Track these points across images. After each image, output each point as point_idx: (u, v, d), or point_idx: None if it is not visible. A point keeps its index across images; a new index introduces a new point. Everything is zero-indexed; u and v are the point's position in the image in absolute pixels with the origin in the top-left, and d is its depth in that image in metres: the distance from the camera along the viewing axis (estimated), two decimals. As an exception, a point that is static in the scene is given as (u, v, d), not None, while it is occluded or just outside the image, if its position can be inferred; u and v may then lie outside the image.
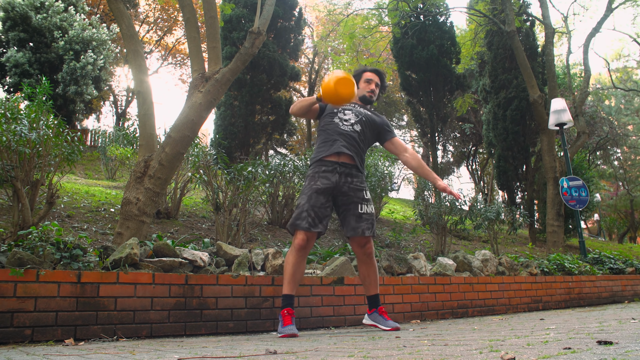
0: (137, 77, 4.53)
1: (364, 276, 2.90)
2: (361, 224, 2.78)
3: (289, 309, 2.66)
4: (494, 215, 6.73)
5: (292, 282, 2.70)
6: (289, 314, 2.64)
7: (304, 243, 2.69)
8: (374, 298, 2.91)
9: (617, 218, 24.40)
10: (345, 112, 2.98)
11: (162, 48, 21.92)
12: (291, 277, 2.70)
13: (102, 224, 4.87)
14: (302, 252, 2.70)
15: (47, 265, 2.52)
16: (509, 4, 9.40)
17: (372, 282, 2.90)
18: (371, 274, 2.89)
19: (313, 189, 2.78)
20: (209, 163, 5.17)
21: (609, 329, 2.10)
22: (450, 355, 1.47)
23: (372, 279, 2.90)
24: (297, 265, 2.70)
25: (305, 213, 2.70)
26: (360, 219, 2.80)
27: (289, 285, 2.70)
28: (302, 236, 2.69)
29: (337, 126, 2.92)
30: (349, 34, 11.07)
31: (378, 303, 2.91)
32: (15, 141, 3.39)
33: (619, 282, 5.82)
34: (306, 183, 2.86)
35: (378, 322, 2.85)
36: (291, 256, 2.72)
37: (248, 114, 12.15)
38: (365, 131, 2.98)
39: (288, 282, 2.70)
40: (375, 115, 3.10)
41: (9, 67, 12.08)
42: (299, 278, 2.75)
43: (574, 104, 10.99)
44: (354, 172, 2.87)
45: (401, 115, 25.31)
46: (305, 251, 2.72)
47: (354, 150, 2.89)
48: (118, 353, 1.83)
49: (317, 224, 2.71)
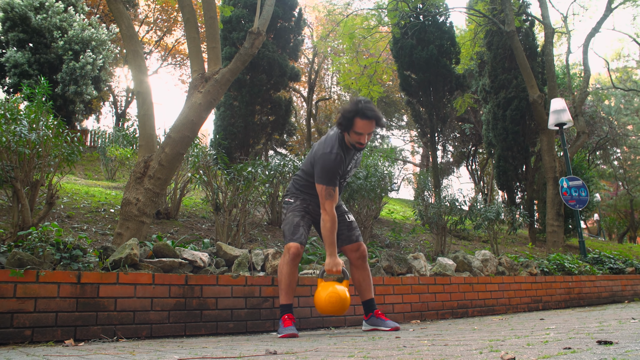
0: (136, 78, 4.53)
1: (359, 282, 2.95)
2: (353, 232, 2.96)
3: (289, 314, 2.72)
4: (493, 215, 6.73)
5: (290, 292, 2.76)
6: (289, 319, 2.70)
7: (297, 253, 2.76)
8: (370, 302, 2.95)
9: (616, 218, 24.39)
10: (349, 174, 2.98)
11: (161, 48, 21.90)
12: (288, 287, 2.75)
13: (102, 225, 4.87)
14: (295, 261, 2.77)
15: (47, 266, 2.51)
16: (509, 4, 9.40)
17: (367, 287, 2.95)
18: (366, 278, 2.95)
19: (306, 210, 2.92)
20: (208, 163, 5.17)
21: (609, 328, 2.10)
22: (450, 355, 1.47)
23: (367, 283, 2.95)
24: (292, 276, 2.76)
25: (301, 229, 2.82)
26: (351, 227, 2.97)
27: (287, 296, 2.75)
28: (296, 248, 2.76)
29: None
30: (349, 34, 11.06)
31: (374, 306, 2.94)
32: (15, 142, 3.38)
33: (618, 282, 5.82)
34: (297, 203, 2.94)
35: (377, 325, 2.87)
36: (286, 267, 2.75)
37: (248, 114, 12.14)
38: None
39: (286, 293, 2.75)
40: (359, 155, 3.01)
41: (9, 68, 12.08)
42: (295, 286, 2.82)
43: (573, 104, 10.99)
44: None
45: (401, 115, 25.31)
46: (297, 260, 2.80)
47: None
48: (118, 354, 1.83)
49: (306, 239, 2.87)
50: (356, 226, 3.00)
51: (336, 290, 2.67)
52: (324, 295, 2.68)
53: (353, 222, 3.00)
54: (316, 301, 2.74)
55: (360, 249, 2.94)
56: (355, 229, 2.98)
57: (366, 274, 2.95)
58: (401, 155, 26.09)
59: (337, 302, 2.66)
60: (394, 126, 26.89)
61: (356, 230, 2.98)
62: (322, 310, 2.72)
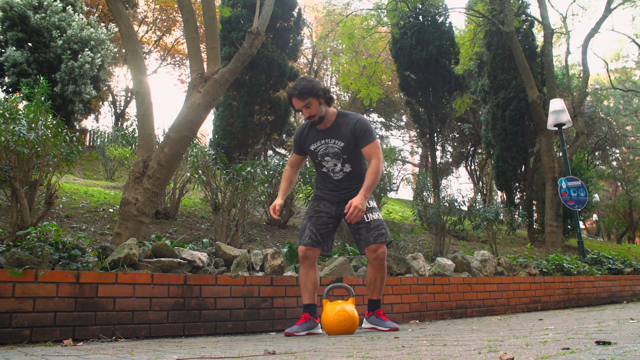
0: (136, 78, 4.53)
1: (371, 280, 2.91)
2: (372, 232, 2.80)
3: (305, 314, 2.77)
4: (492, 216, 6.74)
5: (305, 293, 2.82)
6: (303, 317, 2.77)
7: (303, 255, 2.81)
8: (375, 302, 2.92)
9: (615, 218, 24.42)
10: (325, 159, 2.89)
11: (161, 48, 21.89)
12: (303, 288, 2.84)
13: (101, 224, 4.87)
14: (304, 263, 2.82)
15: (45, 266, 2.51)
16: (508, 4, 9.41)
17: (377, 288, 2.90)
18: (378, 280, 2.88)
19: (315, 210, 2.93)
20: (207, 163, 5.16)
21: (607, 329, 2.10)
22: (449, 355, 1.47)
23: (378, 285, 2.90)
24: (304, 277, 2.83)
25: (307, 231, 2.85)
26: (370, 228, 2.81)
27: (304, 295, 2.83)
28: (302, 250, 2.83)
29: (329, 177, 2.95)
30: (348, 34, 11.06)
31: (378, 306, 2.92)
32: (13, 141, 3.38)
33: (617, 283, 5.83)
34: (310, 205, 3.01)
35: (377, 324, 2.87)
36: (299, 269, 2.87)
37: (247, 114, 12.14)
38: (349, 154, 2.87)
39: (302, 293, 2.84)
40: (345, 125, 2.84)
41: (7, 67, 12.06)
42: (311, 287, 2.82)
43: (572, 105, 11.00)
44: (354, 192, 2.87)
45: (400, 115, 25.32)
46: (308, 262, 2.82)
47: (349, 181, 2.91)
48: (117, 353, 1.83)
49: (318, 241, 2.83)
50: (376, 226, 2.79)
51: (344, 310, 2.64)
52: (332, 316, 2.64)
53: (373, 221, 2.80)
54: (324, 322, 2.68)
55: (377, 251, 2.78)
56: (374, 228, 2.79)
57: (380, 275, 2.86)
58: (400, 156, 26.10)
59: (347, 321, 2.63)
60: (393, 126, 26.91)
61: (375, 230, 2.78)
62: (332, 330, 2.66)
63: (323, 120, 2.80)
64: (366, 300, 3.53)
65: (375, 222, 2.82)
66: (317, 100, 2.73)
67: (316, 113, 2.74)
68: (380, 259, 2.80)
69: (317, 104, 2.74)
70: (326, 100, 2.79)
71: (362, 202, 2.64)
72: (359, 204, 2.63)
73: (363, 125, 2.80)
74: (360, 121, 2.82)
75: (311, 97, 2.71)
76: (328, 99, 2.79)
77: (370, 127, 2.82)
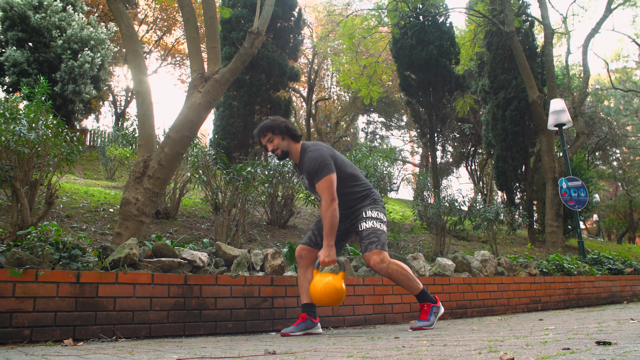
0: (136, 77, 4.53)
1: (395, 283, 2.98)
2: (363, 241, 2.81)
3: (303, 315, 2.84)
4: (493, 216, 6.74)
5: (303, 292, 2.89)
6: (301, 317, 2.84)
7: (298, 254, 2.92)
8: (419, 297, 2.92)
9: (616, 218, 24.42)
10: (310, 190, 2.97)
11: (161, 48, 21.90)
12: (300, 287, 2.92)
13: (101, 224, 4.87)
14: (300, 263, 2.92)
15: (46, 266, 2.51)
16: (508, 4, 9.41)
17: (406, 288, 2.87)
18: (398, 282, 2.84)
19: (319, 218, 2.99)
20: (208, 163, 5.17)
21: (607, 329, 2.10)
22: (449, 355, 1.47)
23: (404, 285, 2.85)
24: (301, 276, 2.92)
25: (309, 232, 2.98)
26: (362, 237, 2.83)
27: (302, 295, 2.91)
28: (297, 249, 2.94)
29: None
30: (349, 34, 11.05)
31: (423, 299, 2.91)
32: (14, 141, 3.38)
33: (617, 283, 5.83)
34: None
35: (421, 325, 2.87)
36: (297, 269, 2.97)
37: (247, 114, 12.14)
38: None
39: (300, 293, 2.92)
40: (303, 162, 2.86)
41: (8, 67, 12.07)
42: (307, 286, 2.86)
43: (573, 105, 11.00)
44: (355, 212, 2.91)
45: (400, 115, 25.32)
46: (304, 262, 2.91)
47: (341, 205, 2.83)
48: (117, 353, 1.83)
49: (317, 242, 2.89)
50: (367, 234, 2.79)
51: (332, 282, 2.68)
52: (319, 287, 2.68)
53: (364, 230, 2.81)
54: (311, 292, 2.74)
55: (369, 261, 2.75)
56: (365, 237, 2.79)
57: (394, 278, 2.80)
58: (400, 156, 26.13)
59: (333, 293, 2.67)
60: (394, 126, 26.91)
61: (365, 239, 2.78)
62: (318, 301, 2.72)
63: (287, 155, 2.90)
64: (367, 300, 3.55)
65: (367, 230, 2.81)
66: (279, 137, 2.85)
67: (278, 147, 2.85)
68: (377, 268, 2.76)
69: (278, 140, 2.85)
70: (290, 136, 2.87)
71: (326, 254, 2.69)
72: (324, 257, 2.69)
73: (310, 164, 2.75)
74: (309, 160, 2.77)
75: (270, 132, 2.85)
76: (292, 136, 2.87)
77: (319, 163, 2.73)
